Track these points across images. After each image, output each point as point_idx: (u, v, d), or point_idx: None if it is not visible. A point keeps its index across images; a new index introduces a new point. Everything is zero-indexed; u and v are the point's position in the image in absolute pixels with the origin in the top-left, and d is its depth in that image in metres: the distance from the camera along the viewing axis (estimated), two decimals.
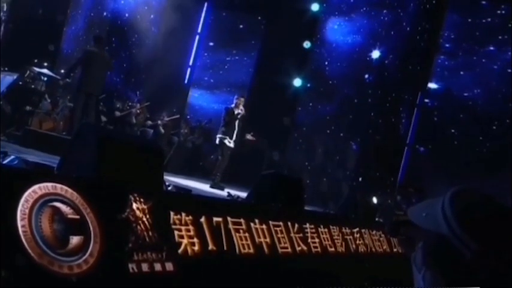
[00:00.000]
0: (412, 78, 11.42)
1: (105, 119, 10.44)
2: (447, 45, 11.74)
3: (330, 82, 12.22)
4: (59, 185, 2.44)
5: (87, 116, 8.15)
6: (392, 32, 11.56)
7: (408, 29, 11.43)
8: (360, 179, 11.14)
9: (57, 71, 12.61)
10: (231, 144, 8.94)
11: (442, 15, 11.57)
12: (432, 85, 11.77)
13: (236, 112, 8.92)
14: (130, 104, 11.41)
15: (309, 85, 12.65)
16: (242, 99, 9.15)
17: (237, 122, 8.92)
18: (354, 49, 11.99)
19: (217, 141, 9.05)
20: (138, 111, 10.94)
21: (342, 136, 12.05)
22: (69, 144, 3.26)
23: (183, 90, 13.27)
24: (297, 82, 12.67)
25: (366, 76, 11.90)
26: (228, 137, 8.85)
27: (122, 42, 12.65)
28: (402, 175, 11.27)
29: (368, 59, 11.85)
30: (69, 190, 2.47)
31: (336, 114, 12.08)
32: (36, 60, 12.17)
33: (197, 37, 13.43)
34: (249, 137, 9.45)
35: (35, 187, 2.35)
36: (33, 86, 10.41)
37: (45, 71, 11.11)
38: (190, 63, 13.43)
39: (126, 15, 13.42)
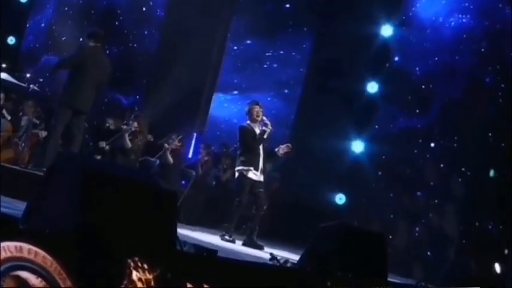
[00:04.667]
0: None
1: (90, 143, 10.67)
2: None
3: (423, 86, 12.13)
4: (25, 246, 2.46)
5: (71, 142, 8.24)
6: None
7: None
8: (474, 235, 10.91)
9: (20, 74, 13.01)
10: (258, 177, 8.92)
11: None
12: None
13: (259, 131, 8.94)
14: (124, 121, 11.60)
15: (389, 91, 12.58)
16: (257, 107, 9.14)
17: (261, 146, 8.94)
18: (460, 36, 11.89)
19: (236, 175, 9.07)
20: (133, 128, 11.10)
21: (442, 168, 11.88)
22: (41, 184, 3.31)
23: (202, 99, 13.44)
24: (372, 87, 12.62)
25: (480, 76, 11.75)
26: (252, 168, 8.86)
27: (113, 33, 12.96)
28: None
29: (483, 50, 11.73)
30: (41, 253, 2.48)
31: (432, 135, 11.94)
32: None
33: (223, 24, 13.63)
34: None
35: None
36: None
37: (3, 75, 11.47)
38: (214, 61, 13.59)
39: None
